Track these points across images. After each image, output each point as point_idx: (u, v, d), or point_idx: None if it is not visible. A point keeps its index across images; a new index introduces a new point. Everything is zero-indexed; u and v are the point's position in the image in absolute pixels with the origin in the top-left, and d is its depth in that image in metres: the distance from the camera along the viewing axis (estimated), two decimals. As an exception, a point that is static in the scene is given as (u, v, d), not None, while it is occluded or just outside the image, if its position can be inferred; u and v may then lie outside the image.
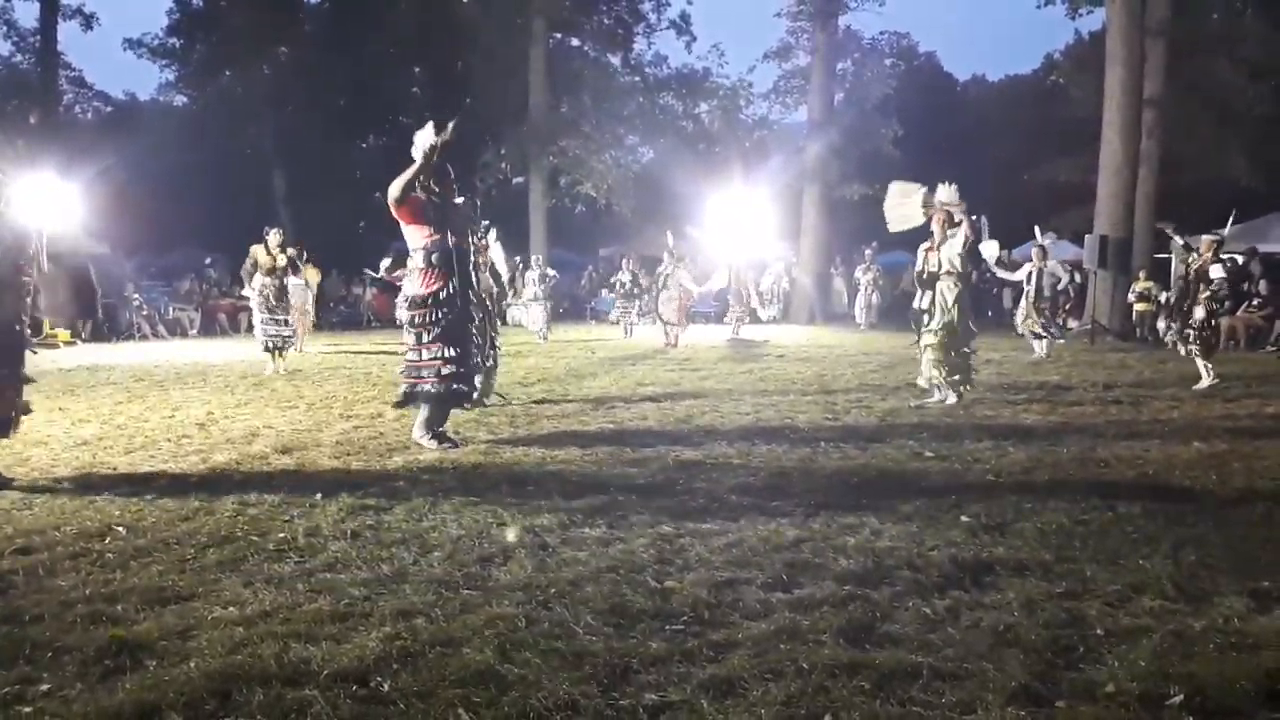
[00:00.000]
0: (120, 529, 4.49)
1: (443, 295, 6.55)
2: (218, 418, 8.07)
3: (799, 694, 2.76)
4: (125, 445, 6.79)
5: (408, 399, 6.80)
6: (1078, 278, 19.15)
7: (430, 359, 6.61)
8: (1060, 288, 14.34)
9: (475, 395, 7.06)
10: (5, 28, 32.43)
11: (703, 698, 2.75)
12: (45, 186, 17.98)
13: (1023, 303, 13.97)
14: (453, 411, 6.99)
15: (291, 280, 12.83)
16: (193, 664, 2.96)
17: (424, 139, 6.51)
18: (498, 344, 8.50)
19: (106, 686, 2.84)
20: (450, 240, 6.60)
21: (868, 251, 24.45)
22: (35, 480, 5.58)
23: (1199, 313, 10.10)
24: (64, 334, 17.57)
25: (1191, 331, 10.13)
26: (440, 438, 6.67)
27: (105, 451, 6.54)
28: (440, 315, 6.57)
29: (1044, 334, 13.49)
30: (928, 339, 8.66)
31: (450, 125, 6.44)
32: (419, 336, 6.63)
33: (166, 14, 32.98)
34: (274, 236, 12.41)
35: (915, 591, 3.62)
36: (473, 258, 6.98)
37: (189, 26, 32.27)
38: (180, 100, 36.33)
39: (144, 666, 2.97)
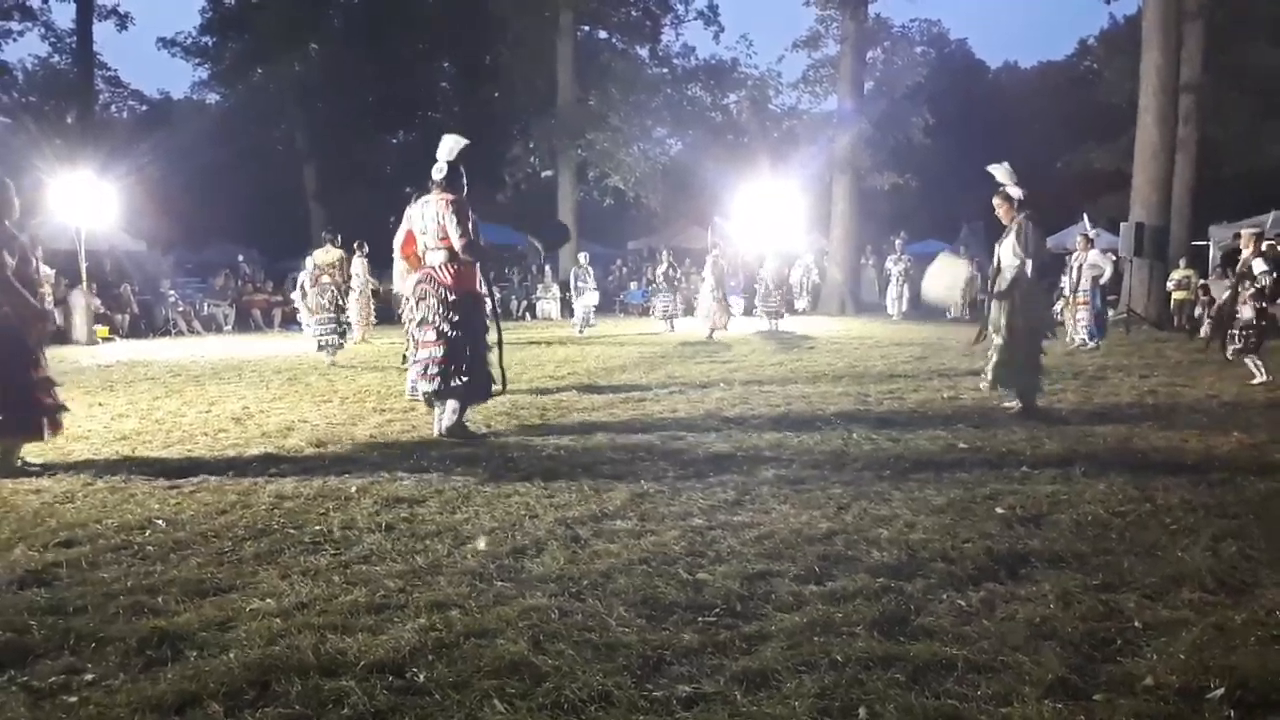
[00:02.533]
0: (160, 522, 4.56)
1: (455, 297, 6.62)
2: (253, 412, 8.16)
3: (833, 686, 2.75)
4: (164, 439, 6.90)
5: (438, 395, 6.81)
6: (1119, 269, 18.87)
7: (452, 356, 6.62)
8: (1103, 281, 13.86)
9: (496, 387, 7.05)
10: (43, 29, 32.97)
11: (736, 689, 2.75)
12: (84, 185, 18.42)
13: (1064, 295, 13.73)
14: (479, 405, 7.03)
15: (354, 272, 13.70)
16: (232, 655, 3.00)
17: (451, 147, 6.78)
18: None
19: (149, 676, 2.89)
20: (477, 243, 6.67)
21: (898, 241, 24.27)
22: (77, 474, 5.68)
23: (1246, 312, 9.75)
24: (102, 330, 17.85)
25: (1236, 333, 9.82)
26: (465, 431, 6.75)
27: (144, 445, 6.64)
28: (463, 314, 6.64)
29: (1085, 328, 13.18)
30: (994, 339, 7.86)
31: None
32: (441, 334, 6.64)
33: (199, 13, 33.32)
34: (329, 248, 13.42)
35: (950, 584, 3.60)
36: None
37: (221, 25, 32.58)
38: (213, 98, 36.83)
39: (185, 657, 3.02)
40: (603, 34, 33.00)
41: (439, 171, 6.75)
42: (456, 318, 6.64)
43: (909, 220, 30.18)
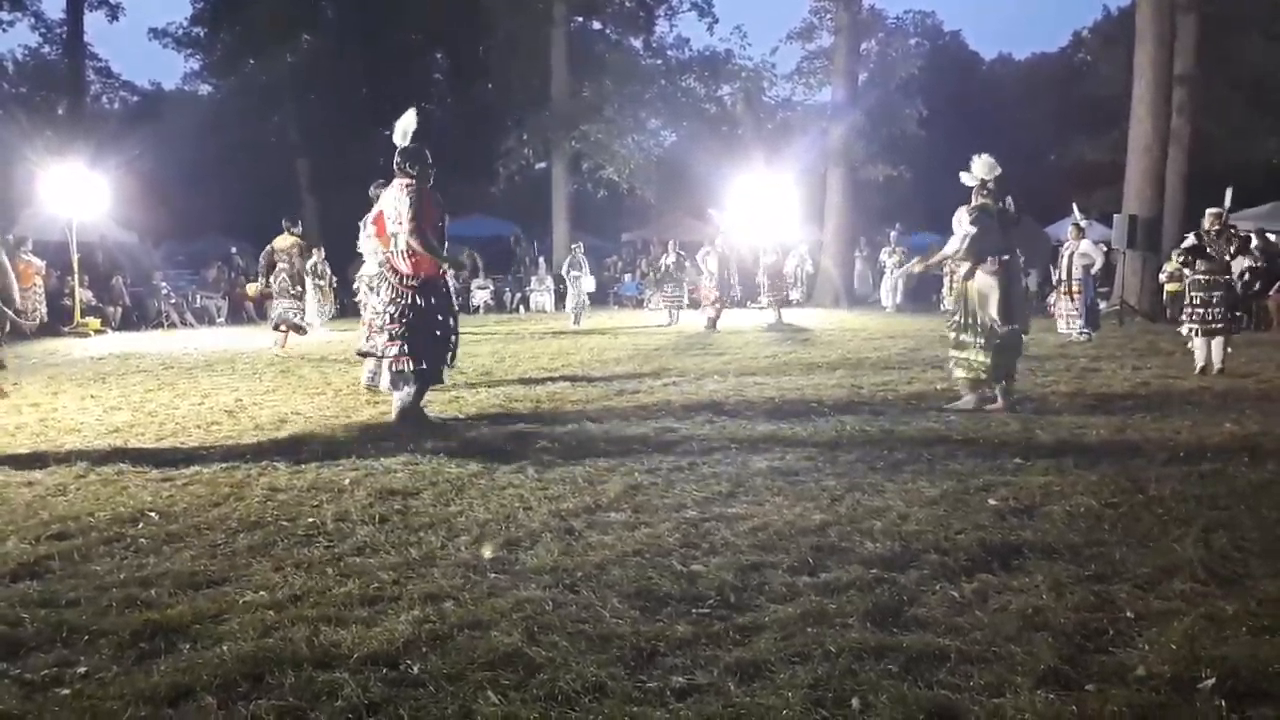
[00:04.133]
0: (153, 514, 4.55)
1: (416, 283, 6.78)
2: (246, 404, 8.15)
3: (826, 677, 2.76)
4: (156, 432, 6.88)
5: (393, 381, 6.96)
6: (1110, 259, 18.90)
7: (407, 341, 6.75)
8: (1094, 270, 13.86)
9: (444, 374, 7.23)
10: (33, 19, 32.78)
11: (729, 680, 2.76)
12: (75, 176, 18.37)
13: (1057, 287, 13.74)
14: (472, 397, 7.04)
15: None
16: (225, 647, 3.00)
17: (404, 129, 6.92)
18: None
19: (142, 669, 2.88)
20: (437, 224, 6.85)
21: (892, 233, 24.28)
22: (70, 466, 5.66)
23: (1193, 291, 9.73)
24: (94, 322, 17.80)
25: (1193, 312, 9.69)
26: (421, 416, 6.93)
27: (137, 438, 6.63)
28: (413, 301, 6.77)
29: (1076, 320, 13.17)
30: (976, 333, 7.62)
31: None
32: (402, 316, 6.78)
33: (191, 3, 33.18)
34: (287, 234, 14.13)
35: (943, 575, 3.60)
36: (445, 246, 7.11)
37: (213, 16, 32.41)
38: (205, 89, 36.64)
39: (178, 649, 3.02)
40: (596, 25, 32.91)
41: (398, 155, 6.90)
42: (412, 303, 6.76)
43: (903, 212, 30.15)
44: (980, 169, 7.81)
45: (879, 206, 30.80)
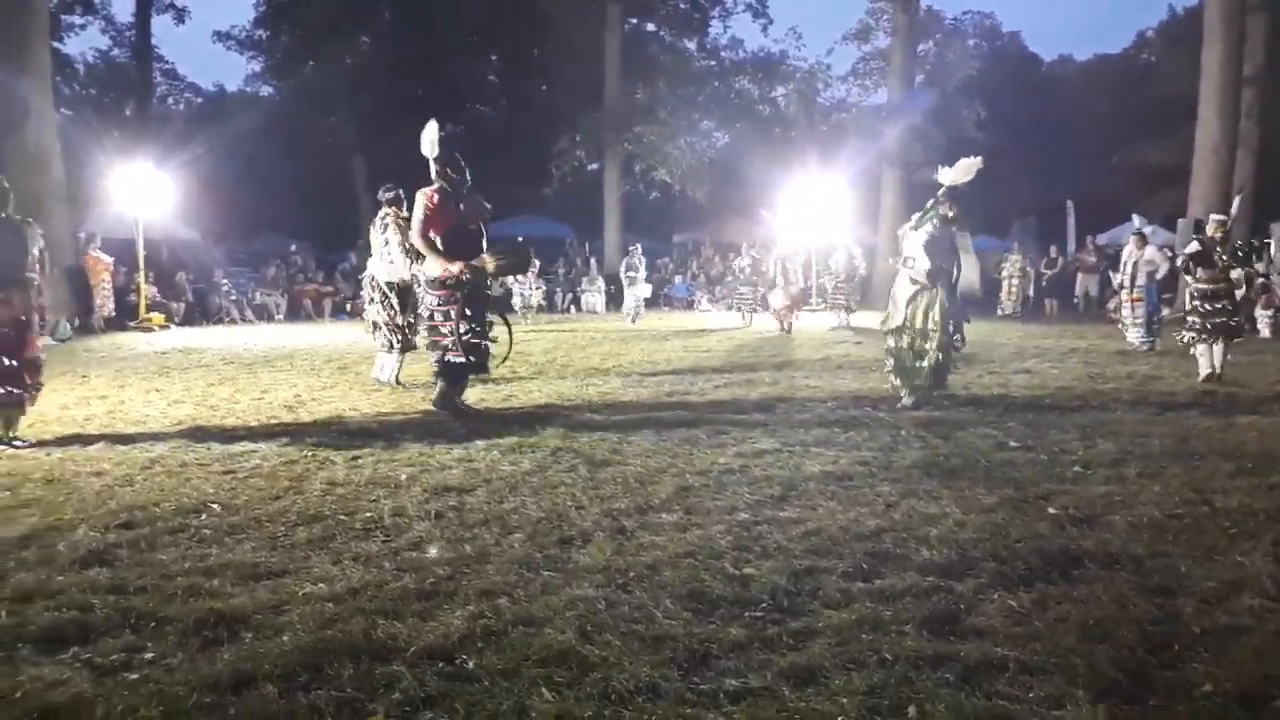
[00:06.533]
0: (215, 506, 4.66)
1: (458, 279, 7.09)
2: (305, 400, 8.30)
3: (882, 684, 2.73)
4: (218, 425, 7.03)
5: (440, 373, 7.29)
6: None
7: (453, 333, 7.11)
8: (1159, 276, 13.50)
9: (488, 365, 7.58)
10: (103, 22, 33.75)
11: (784, 685, 2.75)
12: (142, 176, 18.82)
13: (1121, 294, 13.42)
14: (525, 395, 7.12)
15: None
16: (286, 637, 3.06)
17: (430, 138, 7.28)
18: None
19: (206, 656, 2.95)
20: (468, 226, 7.18)
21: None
22: (135, 458, 5.82)
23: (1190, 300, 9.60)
24: (159, 318, 18.25)
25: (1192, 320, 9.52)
26: (459, 408, 7.25)
27: (200, 431, 6.78)
28: (461, 294, 7.11)
29: (1140, 327, 12.83)
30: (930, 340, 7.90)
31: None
32: (445, 314, 7.15)
33: (254, 6, 33.92)
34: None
35: (1000, 583, 3.55)
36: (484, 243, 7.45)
37: (274, 18, 33.10)
38: (266, 91, 37.39)
39: (240, 638, 3.08)
40: (650, 26, 32.99)
41: (431, 165, 7.30)
42: (447, 302, 7.13)
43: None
44: (959, 173, 7.78)
45: (935, 209, 30.36)
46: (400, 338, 8.91)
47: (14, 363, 6.30)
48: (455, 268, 7.11)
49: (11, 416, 6.37)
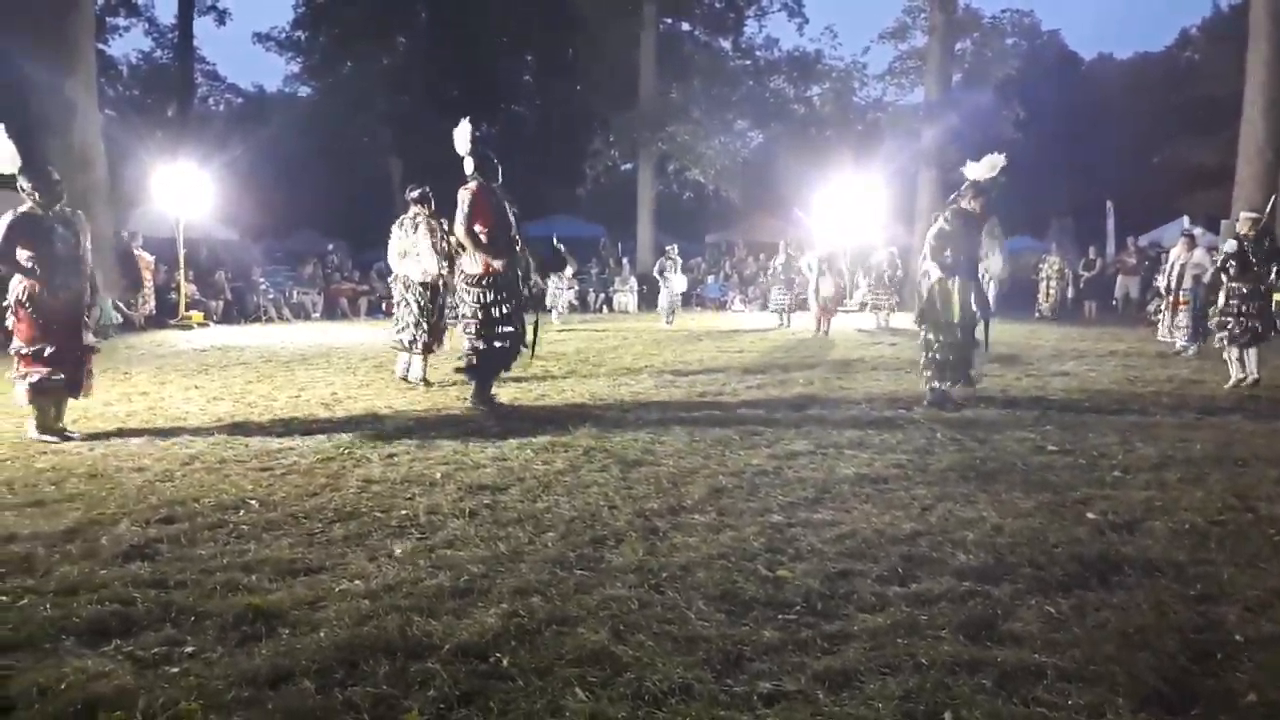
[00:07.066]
0: (253, 502, 4.72)
1: (499, 274, 7.38)
2: (341, 398, 8.38)
3: (917, 689, 2.71)
4: (256, 422, 7.12)
5: (469, 366, 7.62)
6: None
7: (487, 329, 7.41)
8: (1205, 280, 13.21)
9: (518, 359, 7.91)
10: (146, 24, 34.31)
11: (818, 688, 2.73)
12: (182, 176, 19.08)
13: (1162, 296, 13.19)
14: (558, 395, 7.16)
15: None
16: (322, 633, 3.09)
17: (463, 137, 7.49)
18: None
19: (244, 651, 2.99)
20: (504, 226, 7.45)
21: (984, 238, 23.70)
22: (175, 453, 5.91)
23: (1222, 299, 9.52)
24: (198, 316, 18.51)
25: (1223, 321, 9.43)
26: (489, 401, 7.59)
27: (238, 428, 6.87)
28: (497, 293, 7.39)
29: (1184, 331, 12.58)
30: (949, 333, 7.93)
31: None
32: (482, 309, 7.41)
33: (293, 7, 34.32)
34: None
35: (1038, 589, 3.51)
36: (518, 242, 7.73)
37: (313, 19, 33.47)
38: (304, 91, 37.84)
39: (278, 634, 3.12)
40: (685, 26, 32.94)
41: (465, 164, 7.53)
42: (483, 299, 7.39)
43: (997, 216, 29.45)
44: (983, 168, 7.82)
45: (971, 209, 30.06)
46: (428, 337, 9.02)
47: (70, 350, 6.48)
48: (499, 262, 7.29)
49: (62, 403, 6.57)
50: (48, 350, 6.37)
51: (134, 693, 2.69)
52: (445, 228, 8.76)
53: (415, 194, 9.24)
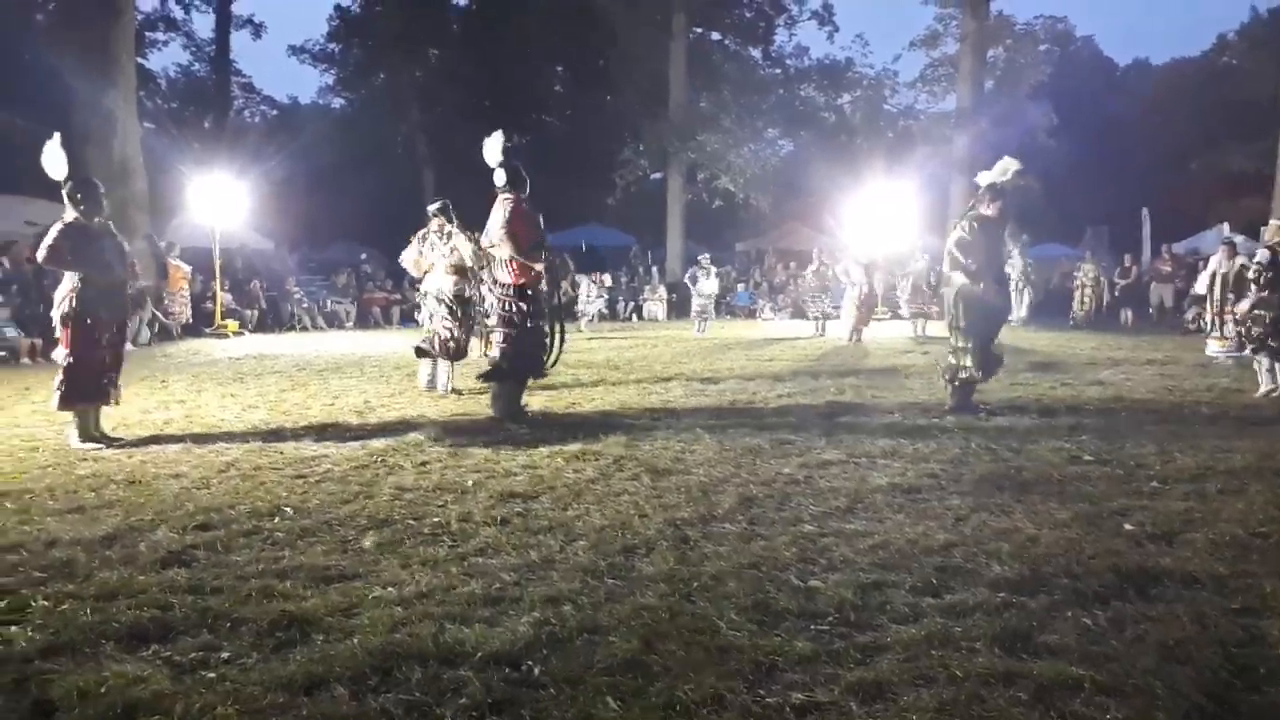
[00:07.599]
0: (288, 510, 4.77)
1: (516, 291, 7.53)
2: (374, 406, 8.45)
3: (952, 701, 2.69)
4: (291, 430, 7.19)
5: (495, 374, 7.67)
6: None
7: (518, 337, 7.54)
8: (1230, 284, 13.01)
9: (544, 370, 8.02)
10: (184, 38, 34.88)
11: (851, 700, 2.71)
12: (219, 186, 19.38)
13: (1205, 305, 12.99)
14: (588, 403, 7.19)
15: None
16: (356, 640, 3.11)
17: (493, 149, 7.61)
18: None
19: (280, 657, 3.02)
20: (541, 236, 7.66)
21: (1014, 248, 23.49)
22: (211, 460, 5.99)
23: (1244, 306, 9.45)
24: (233, 325, 18.74)
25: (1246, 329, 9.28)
26: (519, 414, 7.57)
27: (273, 435, 6.94)
28: (528, 302, 7.56)
29: (1229, 340, 12.37)
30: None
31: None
32: (513, 318, 7.54)
33: (327, 20, 34.77)
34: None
35: (1075, 601, 3.46)
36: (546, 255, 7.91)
37: (346, 32, 33.88)
38: (338, 103, 38.27)
39: (312, 640, 3.15)
40: (715, 35, 32.95)
41: (495, 176, 7.65)
42: (513, 309, 7.53)
43: (1030, 223, 29.19)
44: (997, 172, 7.78)
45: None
46: (455, 347, 9.07)
47: (115, 358, 6.73)
48: (539, 266, 7.51)
49: (98, 410, 6.75)
50: (92, 358, 6.55)
51: (171, 698, 2.73)
52: (472, 236, 8.82)
53: (435, 206, 9.37)
